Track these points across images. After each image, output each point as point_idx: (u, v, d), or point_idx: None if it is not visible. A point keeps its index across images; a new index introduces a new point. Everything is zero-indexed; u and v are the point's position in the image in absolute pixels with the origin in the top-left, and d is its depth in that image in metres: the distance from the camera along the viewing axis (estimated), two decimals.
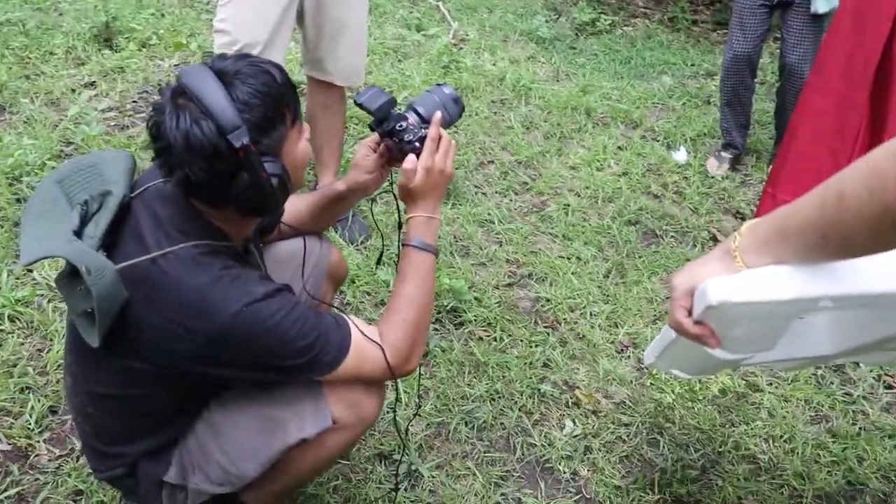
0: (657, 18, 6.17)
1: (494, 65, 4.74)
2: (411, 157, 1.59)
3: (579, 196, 3.48)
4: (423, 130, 1.61)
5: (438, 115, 1.62)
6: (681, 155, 3.91)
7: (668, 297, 2.88)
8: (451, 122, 1.70)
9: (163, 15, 4.89)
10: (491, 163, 3.66)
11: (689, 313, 1.19)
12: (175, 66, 4.29)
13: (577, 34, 5.65)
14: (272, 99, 1.38)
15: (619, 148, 3.94)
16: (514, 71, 4.62)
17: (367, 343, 1.50)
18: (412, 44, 4.84)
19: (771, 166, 2.98)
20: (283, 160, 1.42)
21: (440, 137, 1.61)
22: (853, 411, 2.49)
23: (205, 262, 1.39)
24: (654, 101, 4.55)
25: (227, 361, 1.41)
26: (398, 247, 1.67)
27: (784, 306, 1.10)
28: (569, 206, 3.38)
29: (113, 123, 3.62)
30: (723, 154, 3.87)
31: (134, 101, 3.85)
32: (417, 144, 1.60)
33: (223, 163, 1.32)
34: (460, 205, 3.26)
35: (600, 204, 3.45)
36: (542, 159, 3.74)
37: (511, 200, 3.40)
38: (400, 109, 1.67)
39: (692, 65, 5.29)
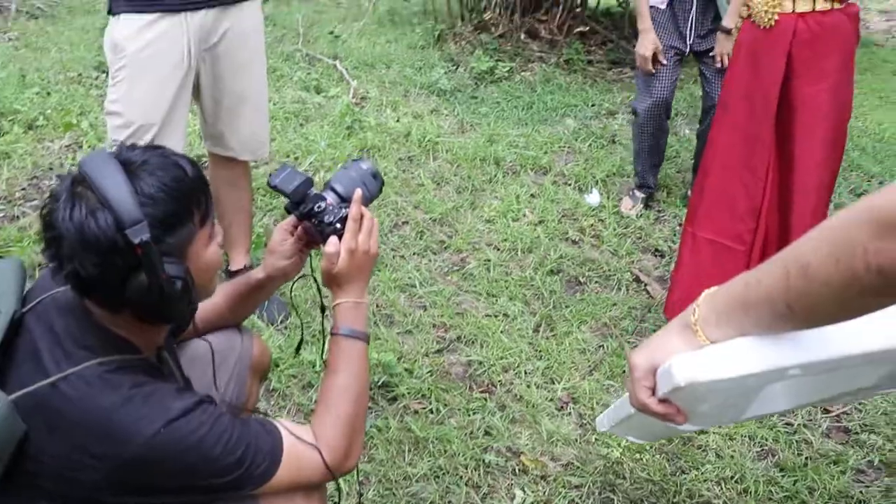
0: (553, 62, 6.24)
1: (398, 121, 4.69)
2: (333, 239, 1.49)
3: (498, 249, 3.43)
4: (343, 210, 1.52)
5: (358, 192, 1.53)
6: (593, 197, 3.91)
7: (600, 346, 2.87)
8: (371, 198, 1.61)
9: (49, 93, 4.69)
10: (405, 223, 3.58)
11: (653, 391, 1.12)
12: (66, 146, 4.10)
13: (476, 83, 5.66)
14: (180, 195, 1.26)
15: (532, 196, 3.92)
16: (419, 126, 4.58)
17: (301, 446, 1.37)
18: (313, 106, 4.76)
19: (688, 205, 2.99)
20: (188, 263, 1.29)
21: (362, 216, 1.51)
22: (796, 441, 2.47)
23: (113, 380, 1.24)
24: (560, 145, 4.56)
25: (147, 488, 1.26)
26: (321, 326, 1.56)
27: (753, 379, 1.04)
28: (489, 261, 3.32)
29: (1, 215, 3.40)
30: (636, 193, 3.89)
31: (23, 189, 3.64)
32: (339, 226, 1.50)
33: (119, 260, 1.19)
34: (379, 271, 3.16)
35: (520, 255, 3.40)
36: (457, 214, 3.68)
37: (430, 261, 3.32)
38: (317, 189, 1.57)
39: (593, 105, 5.36)
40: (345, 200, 1.54)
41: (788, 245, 2.72)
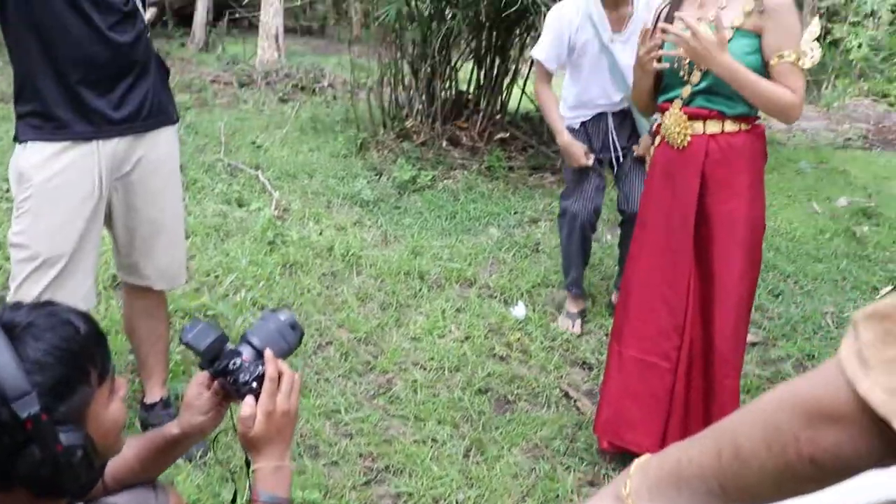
0: (475, 168, 6.32)
1: (321, 234, 4.64)
2: (249, 400, 1.41)
3: (425, 369, 3.36)
4: (259, 367, 1.44)
5: (269, 352, 1.45)
6: (519, 310, 3.90)
7: (532, 469, 2.79)
8: (290, 350, 1.53)
9: None
10: (329, 344, 3.49)
11: None
12: None
13: (399, 193, 5.67)
14: (72, 356, 1.17)
15: (458, 310, 3.88)
16: (342, 239, 4.53)
17: None
18: (235, 220, 4.67)
19: (613, 320, 2.99)
20: (87, 427, 1.20)
21: (280, 374, 1.44)
22: None
23: None
24: (484, 256, 4.56)
25: None
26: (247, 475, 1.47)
27: None
28: (416, 381, 3.24)
29: None
30: (570, 310, 3.88)
31: None
32: (255, 385, 1.42)
33: (5, 437, 1.10)
34: (304, 397, 3.05)
35: (447, 375, 3.33)
36: (382, 333, 3.61)
37: (356, 384, 3.22)
38: (234, 340, 1.50)
39: (516, 213, 5.40)
40: (262, 355, 1.47)
41: (713, 365, 2.69)
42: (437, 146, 6.61)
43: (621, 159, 3.70)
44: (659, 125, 2.74)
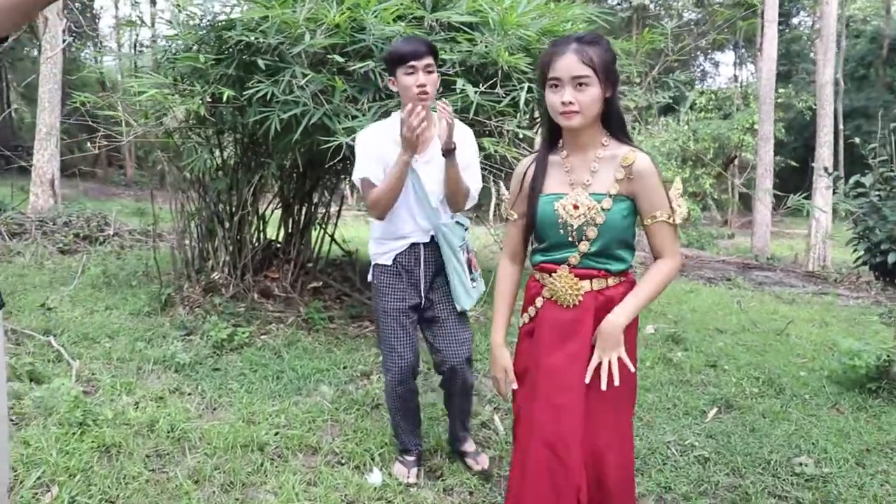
0: (292, 322, 6.01)
1: (137, 408, 4.14)
2: None
3: None
4: None
5: None
6: (375, 477, 3.60)
7: None
8: None
9: None
10: None
11: None
12: None
13: (216, 353, 5.23)
14: None
15: (309, 484, 3.51)
16: (163, 412, 4.06)
17: None
18: (32, 401, 4.04)
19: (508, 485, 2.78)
20: None
21: None
22: None
23: None
24: (323, 419, 4.23)
25: None
26: None
27: None
28: None
29: None
30: (406, 458, 3.68)
31: None
32: None
33: None
34: None
35: None
36: None
37: None
38: None
39: (345, 367, 5.13)
40: None
41: None
42: (250, 299, 6.26)
43: (433, 306, 3.59)
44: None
